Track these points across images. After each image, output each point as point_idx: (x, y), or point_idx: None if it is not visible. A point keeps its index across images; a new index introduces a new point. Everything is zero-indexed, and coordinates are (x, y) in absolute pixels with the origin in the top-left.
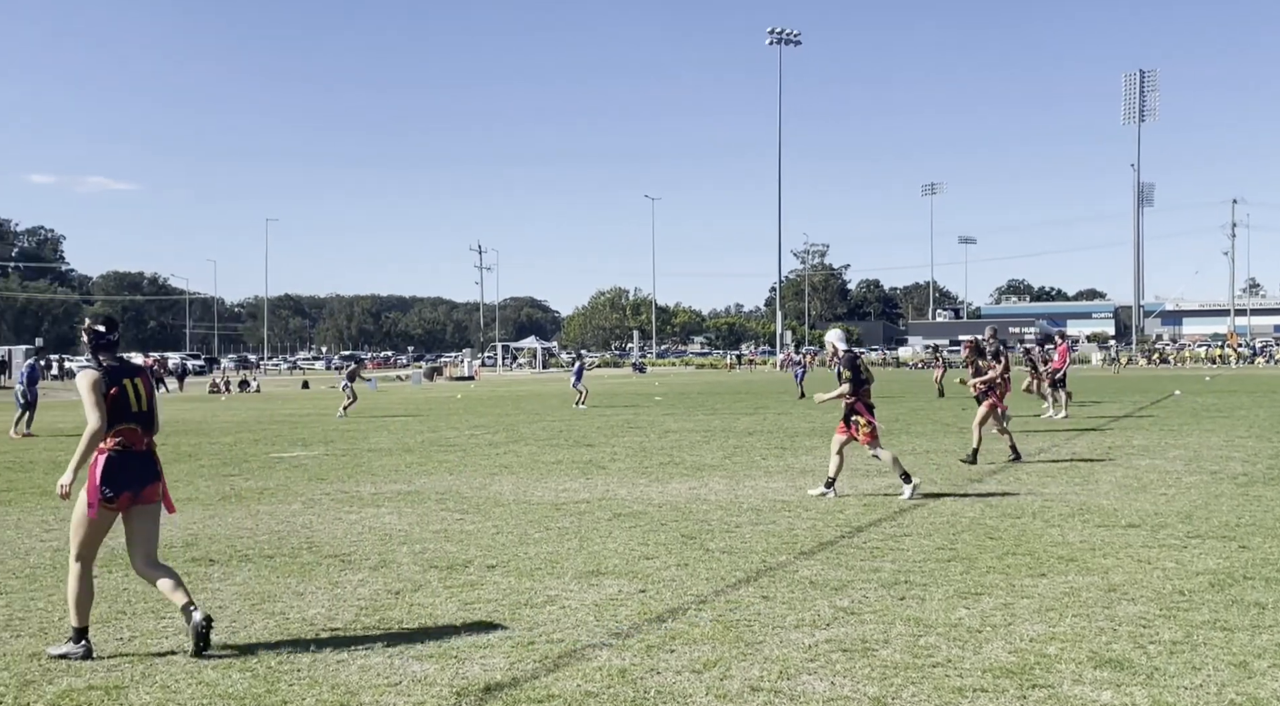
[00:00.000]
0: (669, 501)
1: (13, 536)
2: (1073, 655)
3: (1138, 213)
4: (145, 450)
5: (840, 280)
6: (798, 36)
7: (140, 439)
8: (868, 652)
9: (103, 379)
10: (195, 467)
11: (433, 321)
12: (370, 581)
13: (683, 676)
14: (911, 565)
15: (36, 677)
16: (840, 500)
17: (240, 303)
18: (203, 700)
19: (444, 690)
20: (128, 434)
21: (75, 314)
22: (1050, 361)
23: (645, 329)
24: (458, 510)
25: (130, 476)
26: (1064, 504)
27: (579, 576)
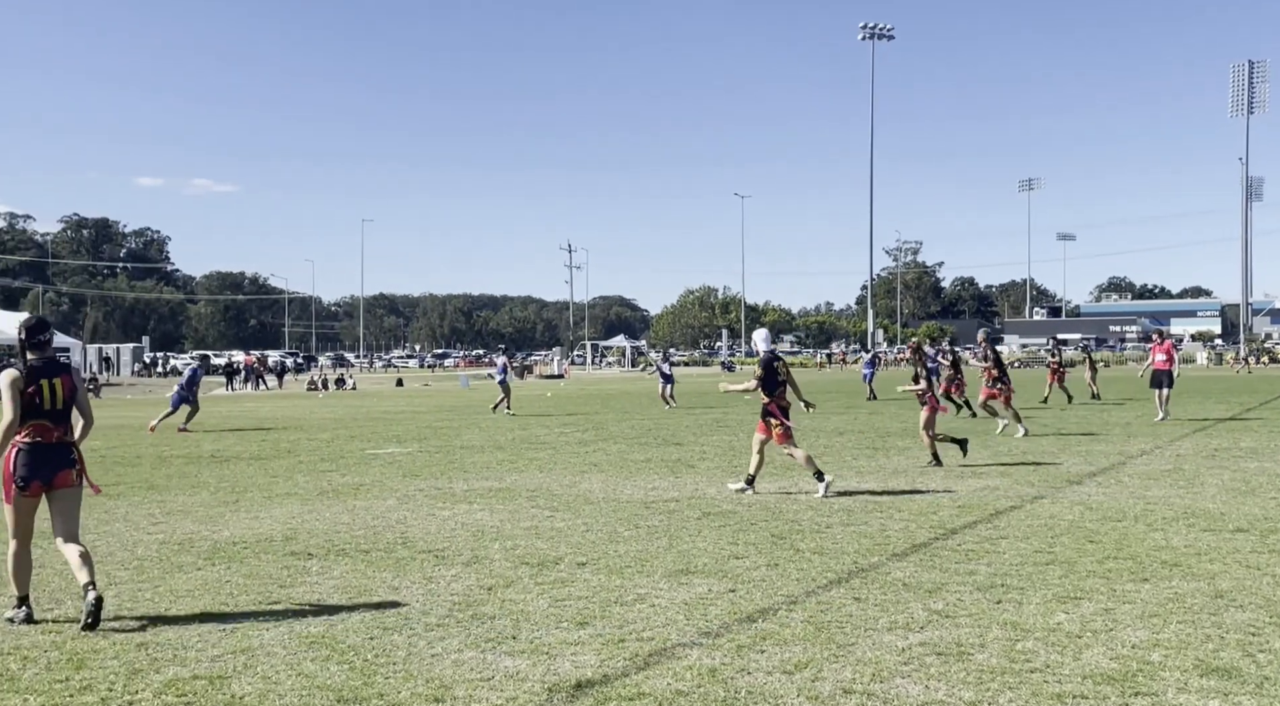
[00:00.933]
0: (758, 501)
1: (121, 529)
2: (1178, 662)
3: (1246, 207)
4: (57, 442)
5: (933, 278)
6: (890, 31)
7: (51, 432)
8: (963, 656)
9: (21, 378)
10: (294, 463)
11: (523, 320)
12: (463, 577)
13: (774, 677)
14: (1008, 568)
15: (144, 666)
16: (934, 501)
17: (337, 302)
18: (302, 691)
19: (535, 685)
20: (39, 428)
21: (180, 313)
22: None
23: (734, 328)
24: (548, 507)
25: (41, 466)
26: (1168, 507)
27: (669, 575)
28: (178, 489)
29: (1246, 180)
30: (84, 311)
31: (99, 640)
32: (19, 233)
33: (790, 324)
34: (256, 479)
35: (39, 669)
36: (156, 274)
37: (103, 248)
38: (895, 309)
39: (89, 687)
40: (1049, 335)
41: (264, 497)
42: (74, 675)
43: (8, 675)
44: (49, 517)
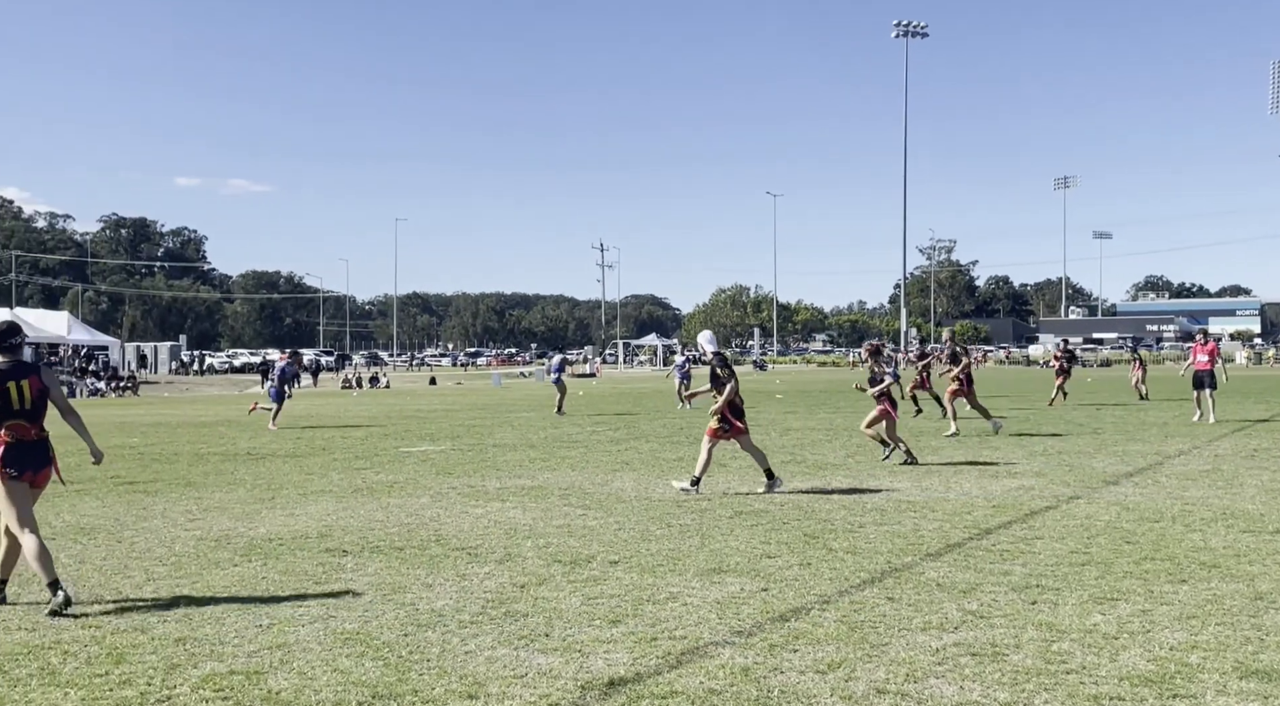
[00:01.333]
0: (791, 500)
1: (159, 525)
2: (1216, 664)
3: None
4: (35, 439)
5: (967, 276)
6: (924, 29)
7: (28, 431)
8: (998, 657)
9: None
10: (328, 461)
11: (555, 319)
12: (496, 574)
13: (807, 676)
14: (1043, 568)
15: (182, 661)
16: (968, 501)
17: (371, 300)
18: (337, 686)
19: (568, 683)
20: (16, 428)
21: (217, 312)
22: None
23: (766, 326)
24: (580, 506)
25: (27, 461)
26: (1206, 508)
27: (701, 573)
28: (215, 485)
29: None
30: (122, 310)
31: (137, 635)
32: (59, 232)
33: (823, 323)
34: (292, 476)
35: (79, 663)
36: (193, 273)
37: (141, 247)
38: (929, 308)
39: (128, 682)
40: (1084, 335)
41: (299, 494)
42: (113, 669)
43: (48, 669)
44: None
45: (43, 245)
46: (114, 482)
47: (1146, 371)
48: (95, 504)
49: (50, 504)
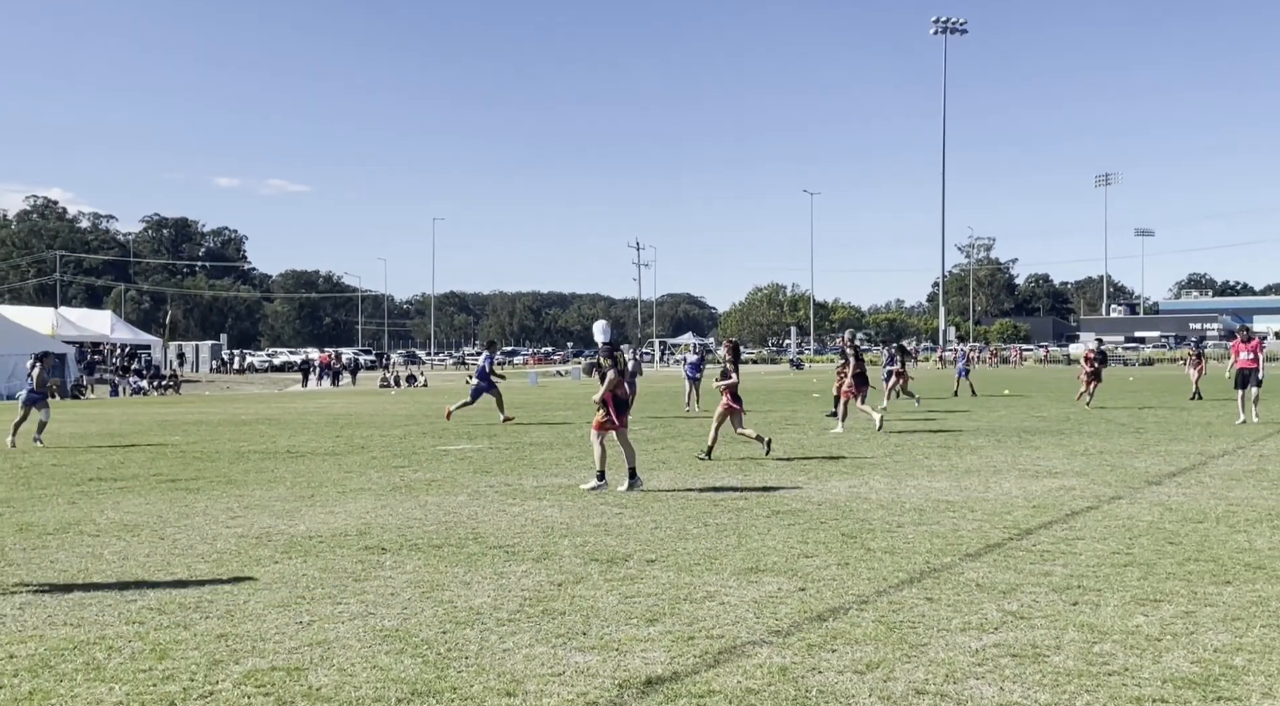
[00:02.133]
0: (828, 499)
1: (201, 522)
2: (1262, 667)
3: None
4: None
5: (1007, 274)
6: (963, 25)
7: None
8: (1039, 658)
9: None
10: (367, 459)
11: (591, 317)
12: (533, 572)
13: (845, 676)
14: (1084, 569)
15: (224, 657)
16: (1008, 501)
17: (409, 300)
18: (377, 683)
19: (606, 681)
20: None
21: (257, 311)
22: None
23: (803, 325)
24: (617, 504)
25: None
26: (1250, 508)
27: (738, 573)
28: (255, 483)
29: None
30: (164, 309)
31: (180, 631)
32: (102, 233)
33: (860, 321)
34: (331, 474)
35: (123, 658)
36: (234, 272)
37: (182, 247)
38: (968, 306)
39: (171, 677)
40: (1125, 333)
41: (338, 492)
42: (157, 665)
43: (94, 664)
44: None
45: (86, 245)
46: (156, 480)
47: (1204, 371)
48: (139, 500)
49: (95, 500)
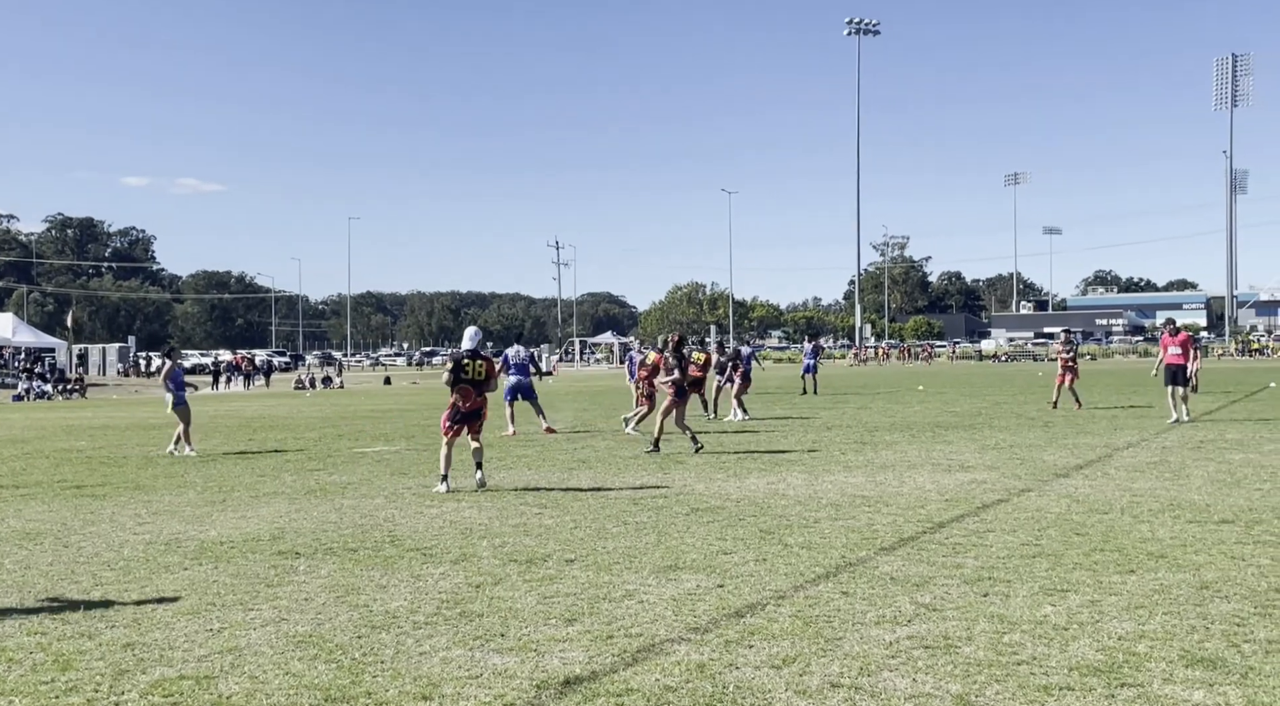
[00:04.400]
0: (747, 496)
1: (107, 530)
2: (1163, 653)
3: (1231, 200)
4: None
5: (921, 272)
6: (876, 26)
7: None
8: (950, 650)
9: None
10: (281, 462)
11: (511, 317)
12: (451, 575)
13: (762, 672)
14: (995, 561)
15: (131, 667)
16: (921, 496)
17: (324, 300)
18: (289, 690)
19: (524, 682)
20: None
21: (166, 313)
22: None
23: (722, 323)
24: (536, 504)
25: None
26: (1154, 499)
27: (657, 571)
28: (164, 488)
29: (1231, 173)
30: (68, 312)
31: (84, 641)
32: (3, 233)
33: (779, 319)
34: (243, 478)
35: (24, 670)
36: (142, 273)
37: (88, 247)
38: (883, 304)
39: (75, 689)
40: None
41: (251, 497)
42: (60, 676)
43: None
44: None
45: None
46: (60, 486)
47: (1198, 362)
48: (41, 508)
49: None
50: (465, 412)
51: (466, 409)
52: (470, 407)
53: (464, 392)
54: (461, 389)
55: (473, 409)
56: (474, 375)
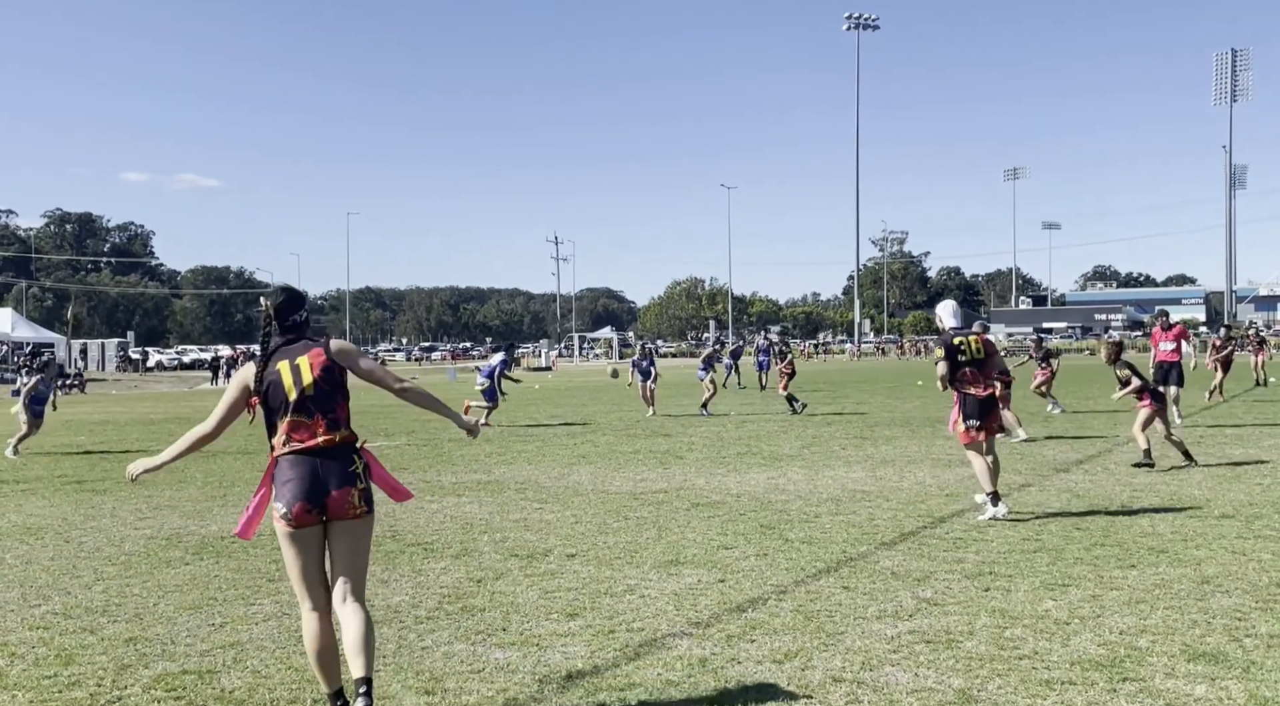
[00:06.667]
0: (747, 491)
1: (108, 524)
2: (1165, 648)
3: (1230, 195)
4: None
5: (919, 267)
6: (875, 21)
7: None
8: (952, 644)
9: None
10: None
11: (510, 313)
12: (452, 569)
13: (764, 666)
14: (996, 556)
15: (133, 662)
16: (922, 490)
17: (323, 295)
18: (292, 685)
19: (526, 677)
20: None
21: (165, 308)
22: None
23: (721, 319)
24: (537, 499)
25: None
26: (1154, 494)
27: (658, 566)
28: (165, 483)
29: (1230, 168)
30: (67, 307)
31: (87, 636)
32: (1, 228)
33: (778, 314)
34: (244, 473)
35: (26, 665)
36: (141, 269)
37: (86, 243)
38: (882, 299)
39: (77, 683)
40: (1033, 324)
41: (251, 492)
42: (62, 671)
43: None
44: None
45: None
46: (61, 481)
47: (1264, 354)
48: (42, 503)
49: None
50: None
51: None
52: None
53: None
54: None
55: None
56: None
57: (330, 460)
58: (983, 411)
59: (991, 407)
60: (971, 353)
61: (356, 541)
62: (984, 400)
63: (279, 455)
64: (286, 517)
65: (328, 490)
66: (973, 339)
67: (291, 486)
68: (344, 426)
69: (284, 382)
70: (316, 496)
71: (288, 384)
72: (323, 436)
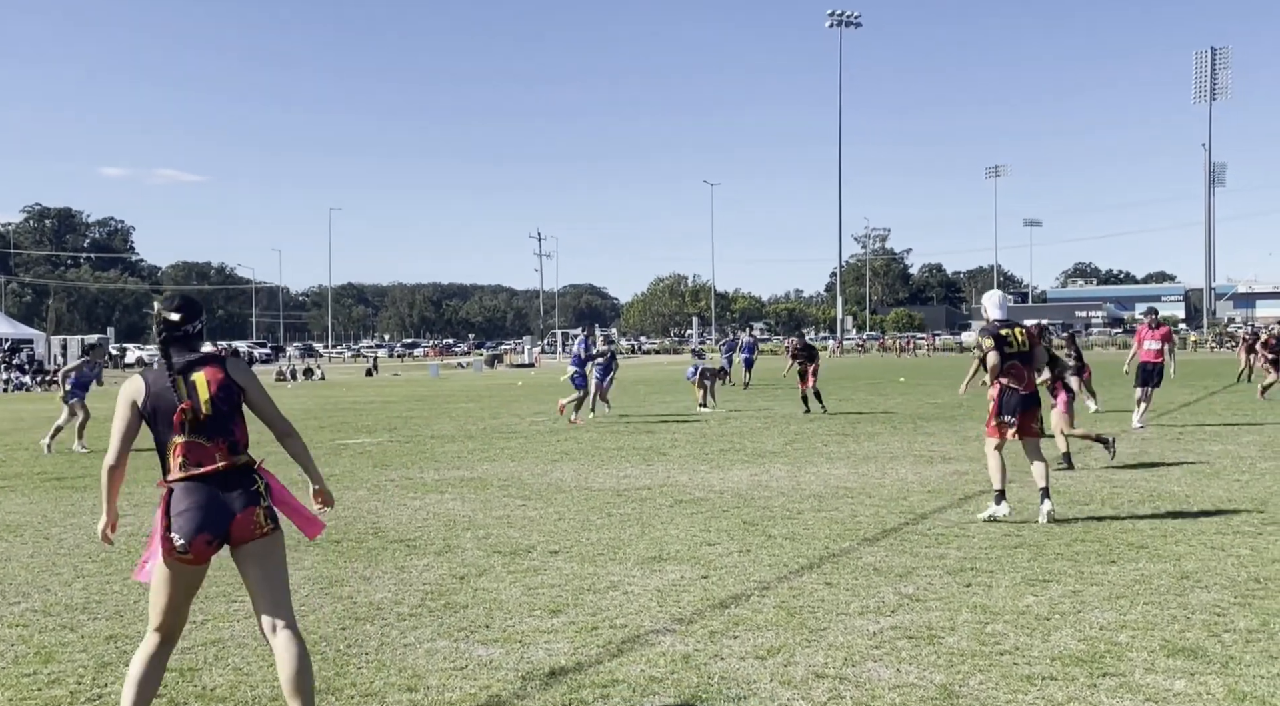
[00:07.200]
0: (730, 488)
1: (88, 521)
2: (1144, 643)
3: (1209, 193)
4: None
5: (902, 264)
6: (858, 18)
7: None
8: (934, 640)
9: None
10: (262, 454)
11: (493, 309)
12: (435, 566)
13: (746, 662)
14: (977, 552)
15: (114, 659)
16: (904, 486)
17: (305, 291)
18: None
19: (509, 674)
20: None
21: (145, 304)
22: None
23: (704, 315)
24: (520, 496)
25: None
26: (1134, 490)
27: (641, 562)
28: (145, 480)
29: (1209, 166)
30: (47, 303)
31: (66, 633)
32: None
33: (761, 311)
34: None
35: (5, 663)
36: (121, 264)
37: (65, 238)
38: (864, 296)
39: (58, 681)
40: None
41: None
42: (42, 669)
43: None
44: None
45: None
46: (41, 478)
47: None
48: (21, 500)
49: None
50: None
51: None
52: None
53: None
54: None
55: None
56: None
57: (230, 484)
58: (1022, 407)
59: (1032, 405)
60: (1018, 345)
61: (271, 561)
62: (1026, 396)
63: (173, 481)
64: (183, 551)
65: (231, 514)
66: (1018, 331)
67: (190, 516)
68: (243, 450)
69: (178, 400)
70: (218, 525)
71: (182, 401)
72: (222, 461)
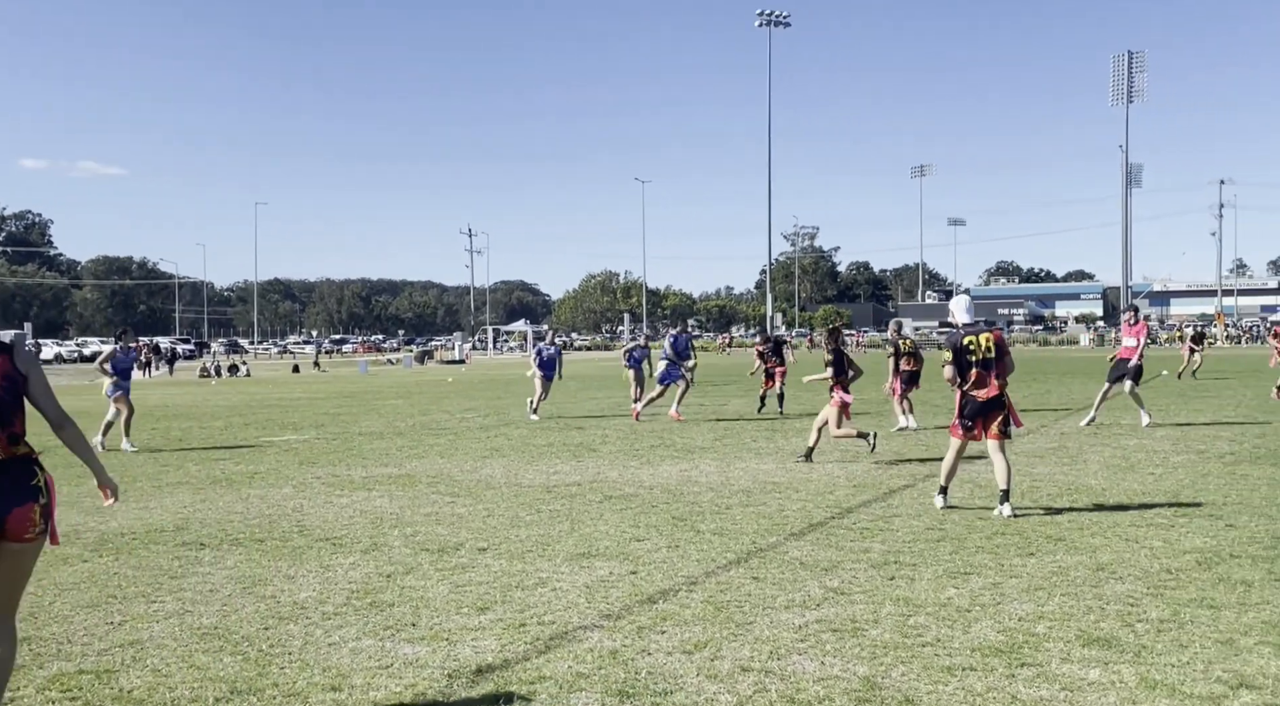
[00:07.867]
0: (660, 483)
1: None
2: (1061, 634)
3: (1126, 194)
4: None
5: (830, 262)
6: (787, 18)
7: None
8: (857, 632)
9: None
10: (185, 452)
11: (423, 305)
12: (361, 564)
13: (673, 657)
14: (901, 545)
15: (27, 662)
16: (830, 482)
17: (230, 287)
18: (194, 684)
19: (436, 672)
20: None
21: (64, 299)
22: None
23: (636, 312)
24: (449, 493)
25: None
26: (1052, 484)
27: (570, 559)
28: (63, 479)
29: (1126, 167)
30: None
31: None
32: None
33: (692, 308)
34: (146, 468)
35: None
36: (38, 258)
37: None
38: (793, 293)
39: None
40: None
41: (154, 487)
42: None
43: None
44: None
45: None
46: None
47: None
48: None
49: None
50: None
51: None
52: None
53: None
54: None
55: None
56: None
57: (7, 476)
58: (982, 412)
59: (993, 409)
60: (981, 352)
61: (22, 566)
62: (986, 402)
63: None
64: None
65: (8, 509)
66: (984, 338)
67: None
68: (23, 441)
69: None
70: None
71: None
72: (1, 452)
